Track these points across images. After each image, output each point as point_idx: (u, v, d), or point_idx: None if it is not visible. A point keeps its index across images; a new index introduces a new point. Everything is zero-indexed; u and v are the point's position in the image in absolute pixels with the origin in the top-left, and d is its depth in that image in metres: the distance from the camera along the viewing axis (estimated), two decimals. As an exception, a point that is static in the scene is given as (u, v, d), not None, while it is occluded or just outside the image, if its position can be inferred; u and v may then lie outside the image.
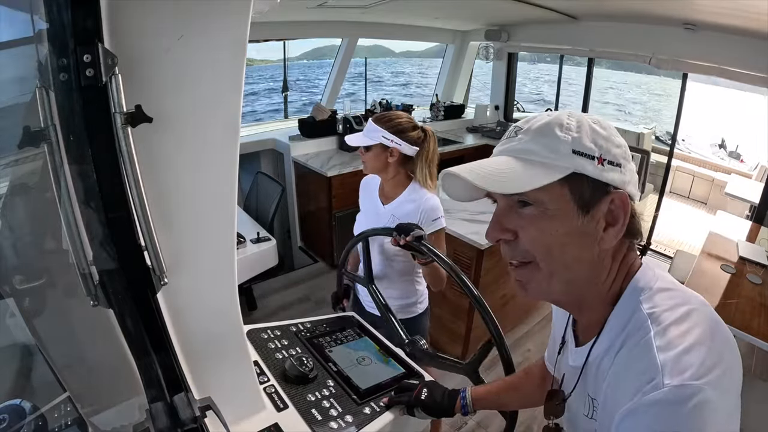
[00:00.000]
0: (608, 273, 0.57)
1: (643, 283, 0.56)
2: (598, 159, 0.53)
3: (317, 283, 3.38)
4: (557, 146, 0.53)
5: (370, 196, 1.58)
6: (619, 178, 0.54)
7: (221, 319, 0.77)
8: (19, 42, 0.59)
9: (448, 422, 2.13)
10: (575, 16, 3.64)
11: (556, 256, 0.55)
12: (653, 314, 0.52)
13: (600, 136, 0.54)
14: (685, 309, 0.52)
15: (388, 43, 7.59)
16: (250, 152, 3.66)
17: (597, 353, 0.59)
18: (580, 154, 0.52)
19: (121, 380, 0.65)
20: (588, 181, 0.53)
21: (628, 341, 0.53)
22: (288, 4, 2.82)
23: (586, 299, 0.60)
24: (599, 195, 0.53)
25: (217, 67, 0.58)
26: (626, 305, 0.56)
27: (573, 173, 0.52)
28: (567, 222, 0.54)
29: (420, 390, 0.95)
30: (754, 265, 2.40)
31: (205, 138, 0.61)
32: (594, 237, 0.54)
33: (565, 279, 0.57)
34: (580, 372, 0.63)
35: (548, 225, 0.54)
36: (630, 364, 0.51)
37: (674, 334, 0.49)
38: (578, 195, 0.53)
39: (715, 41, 3.04)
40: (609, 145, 0.54)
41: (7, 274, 0.75)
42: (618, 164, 0.54)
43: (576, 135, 0.53)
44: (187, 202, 0.63)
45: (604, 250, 0.55)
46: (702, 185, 5.60)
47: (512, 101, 4.89)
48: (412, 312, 1.58)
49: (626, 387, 0.50)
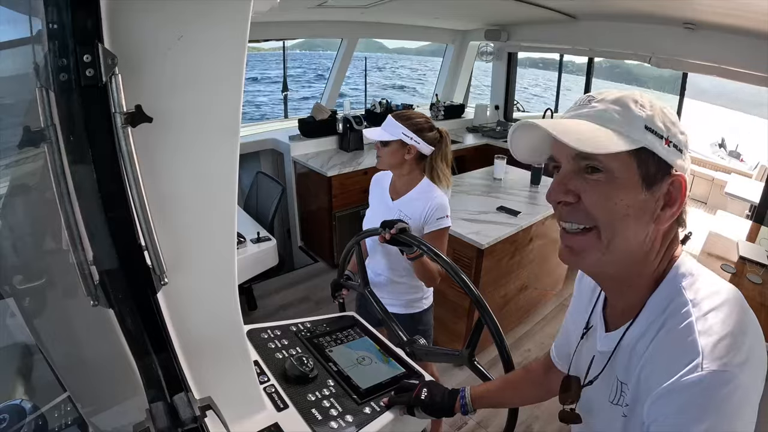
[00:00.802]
0: (656, 254, 0.58)
1: (684, 269, 0.57)
2: (666, 140, 0.54)
3: (317, 283, 3.38)
4: (632, 118, 0.54)
5: (381, 191, 1.59)
6: (681, 163, 0.56)
7: (221, 319, 0.77)
8: (19, 42, 0.59)
9: (448, 422, 2.13)
10: (575, 15, 3.64)
11: (616, 224, 0.55)
12: (695, 299, 0.53)
13: (669, 120, 0.55)
14: (723, 297, 0.53)
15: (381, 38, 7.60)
16: (250, 152, 3.66)
17: (632, 336, 0.59)
18: (652, 131, 0.54)
19: (121, 380, 0.65)
20: (654, 158, 0.54)
21: (667, 324, 0.54)
22: (288, 4, 2.82)
23: (631, 277, 0.60)
24: (662, 174, 0.55)
25: (217, 67, 0.58)
26: (668, 288, 0.57)
27: (643, 147, 0.54)
28: (631, 193, 0.54)
29: (419, 390, 0.95)
30: (754, 265, 2.39)
31: (205, 138, 0.61)
32: (652, 214, 0.56)
33: (620, 250, 0.57)
34: (609, 356, 0.63)
35: (614, 192, 0.55)
36: (669, 347, 0.52)
37: (715, 320, 0.50)
38: (644, 170, 0.54)
39: (715, 41, 3.04)
40: (676, 130, 0.55)
41: (7, 274, 0.75)
42: (681, 150, 0.55)
43: (650, 112, 0.55)
44: (187, 202, 0.63)
45: (658, 230, 0.57)
46: (702, 185, 5.59)
47: (512, 101, 4.89)
48: (418, 307, 1.59)
49: (664, 368, 0.51)
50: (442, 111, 4.63)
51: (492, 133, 4.46)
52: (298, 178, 3.63)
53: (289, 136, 3.57)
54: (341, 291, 1.51)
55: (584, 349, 0.72)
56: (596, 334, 0.68)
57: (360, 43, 4.01)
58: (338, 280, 1.50)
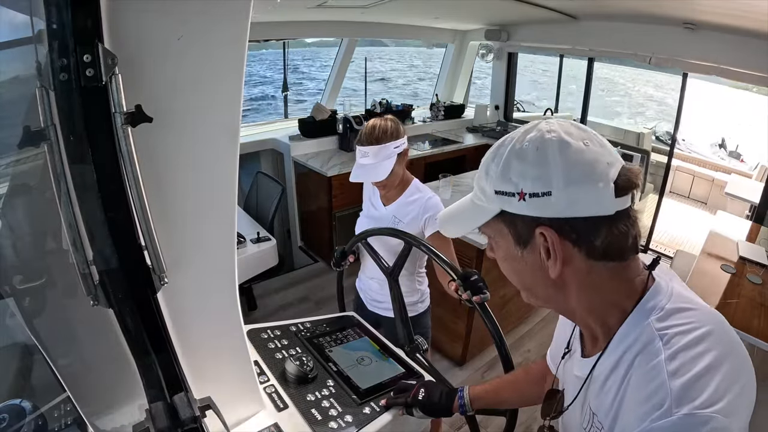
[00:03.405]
0: (575, 296, 0.56)
1: (653, 303, 0.54)
2: (519, 194, 0.52)
3: (317, 283, 3.38)
4: (486, 187, 0.56)
5: (372, 195, 1.58)
6: (551, 208, 0.51)
7: (221, 319, 0.77)
8: (19, 42, 0.59)
9: (448, 422, 2.13)
10: (575, 15, 3.64)
11: (514, 279, 0.60)
12: (665, 336, 0.50)
13: (514, 170, 0.52)
14: (700, 332, 0.49)
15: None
16: (250, 152, 3.66)
17: (603, 368, 0.57)
18: (502, 194, 0.54)
19: (121, 380, 0.65)
20: (519, 216, 0.53)
21: (636, 362, 0.52)
22: (288, 4, 2.82)
23: (574, 316, 0.60)
24: (530, 229, 0.53)
25: (217, 67, 0.58)
26: (633, 325, 0.54)
27: (503, 211, 0.55)
28: (510, 253, 0.57)
29: (417, 390, 0.95)
30: (754, 265, 2.39)
31: (205, 138, 0.61)
32: (541, 267, 0.55)
33: (533, 296, 0.60)
34: (583, 383, 0.62)
35: (499, 253, 0.60)
36: (640, 387, 0.50)
37: (686, 358, 0.48)
38: (514, 230, 0.55)
39: (715, 41, 3.04)
40: (524, 177, 0.52)
41: (7, 274, 0.75)
42: (546, 192, 0.50)
43: (495, 175, 0.54)
44: (187, 202, 0.63)
45: (560, 278, 0.54)
46: (702, 185, 5.60)
47: (512, 101, 4.89)
48: (414, 311, 1.58)
49: (635, 410, 0.49)
50: (442, 111, 4.63)
51: (492, 134, 4.46)
52: (298, 178, 3.63)
53: (289, 136, 3.57)
54: (346, 259, 1.49)
55: (566, 368, 0.71)
56: (574, 357, 0.68)
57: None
58: (344, 248, 1.47)
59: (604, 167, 0.50)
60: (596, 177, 0.50)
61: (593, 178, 0.50)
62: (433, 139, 4.32)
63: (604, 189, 0.49)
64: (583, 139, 0.52)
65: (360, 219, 1.60)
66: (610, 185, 0.50)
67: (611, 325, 0.56)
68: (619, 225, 0.51)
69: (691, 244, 4.14)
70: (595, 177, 0.50)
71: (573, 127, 0.53)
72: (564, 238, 0.52)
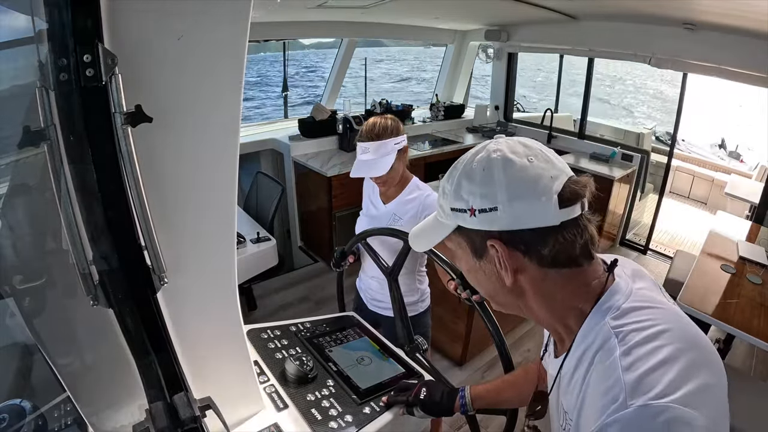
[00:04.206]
0: (534, 301, 0.60)
1: (609, 303, 0.56)
2: (470, 211, 0.57)
3: (317, 283, 3.38)
4: (443, 205, 0.61)
5: (371, 194, 1.58)
6: (498, 222, 0.55)
7: (221, 319, 0.77)
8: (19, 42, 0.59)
9: (448, 422, 2.13)
10: (575, 16, 3.64)
11: (480, 289, 0.66)
12: (620, 333, 0.52)
13: (464, 189, 0.57)
14: (656, 329, 0.52)
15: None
16: (250, 152, 3.66)
17: (568, 368, 0.60)
18: (456, 210, 0.58)
19: (121, 380, 0.65)
20: (473, 230, 0.58)
21: (596, 361, 0.54)
22: (288, 4, 2.82)
23: (540, 320, 0.63)
24: (483, 242, 0.58)
25: (217, 66, 0.58)
26: (592, 325, 0.56)
27: (459, 226, 0.59)
28: (470, 264, 0.62)
29: (419, 389, 0.95)
30: (754, 265, 2.40)
31: (205, 138, 0.61)
32: (497, 276, 0.59)
33: (497, 303, 0.65)
34: (553, 382, 0.65)
35: (462, 265, 0.65)
36: (597, 384, 0.52)
37: (640, 353, 0.49)
38: (470, 243, 0.60)
39: (715, 41, 3.04)
40: (473, 195, 0.56)
41: (7, 274, 0.75)
42: (493, 208, 0.55)
43: (450, 194, 0.59)
44: (187, 202, 0.63)
45: (515, 285, 0.58)
46: (702, 185, 5.60)
47: (512, 101, 4.89)
48: (414, 310, 1.58)
49: (594, 407, 0.50)
50: (442, 111, 4.63)
51: (492, 134, 4.46)
52: (298, 178, 3.63)
53: (289, 136, 3.57)
54: (346, 259, 1.49)
55: (548, 369, 0.73)
56: (550, 357, 0.70)
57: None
58: (344, 249, 1.47)
59: (546, 181, 0.54)
60: (539, 192, 0.53)
61: (536, 193, 0.53)
62: (433, 139, 4.32)
63: (546, 202, 0.53)
64: (527, 155, 0.55)
65: (360, 218, 1.61)
66: (553, 198, 0.53)
67: (572, 327, 0.59)
68: (565, 234, 0.54)
69: (691, 244, 4.14)
70: (538, 192, 0.53)
71: (520, 145, 0.57)
72: (513, 248, 0.56)
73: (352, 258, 1.51)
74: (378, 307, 1.58)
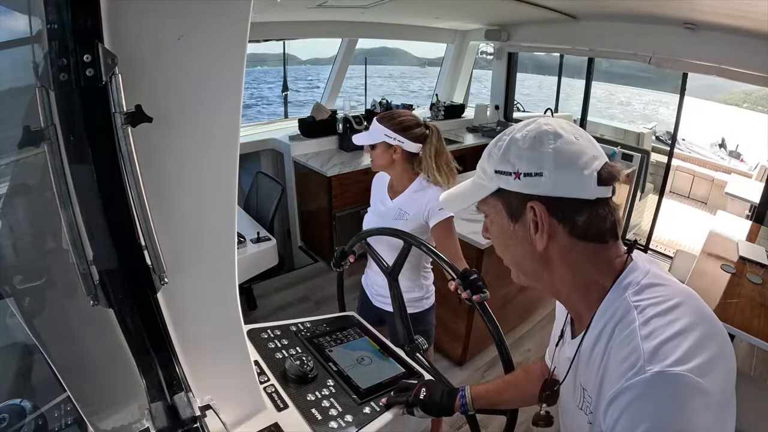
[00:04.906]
0: (559, 272, 0.62)
1: (629, 279, 0.59)
2: (515, 174, 0.60)
3: (317, 283, 3.38)
4: (487, 168, 0.64)
5: (380, 191, 1.60)
6: (541, 187, 0.58)
7: (221, 319, 0.77)
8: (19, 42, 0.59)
9: (448, 422, 2.13)
10: (575, 15, 3.64)
11: (504, 253, 0.68)
12: (639, 306, 0.55)
13: (513, 153, 0.60)
14: (672, 302, 0.55)
15: (390, 42, 7.49)
16: (250, 152, 3.66)
17: (587, 343, 0.62)
18: (501, 173, 0.61)
19: (121, 380, 0.65)
20: (513, 193, 0.61)
21: (615, 332, 0.56)
22: (288, 4, 2.82)
23: (560, 295, 0.66)
24: (522, 204, 0.61)
25: (217, 67, 0.58)
26: (612, 300, 0.59)
27: (500, 189, 0.62)
28: (504, 227, 0.65)
29: (419, 389, 0.95)
30: (754, 265, 2.40)
31: (205, 138, 0.61)
32: (530, 240, 0.61)
33: (521, 272, 0.67)
34: (572, 361, 0.66)
35: (493, 229, 0.67)
36: (617, 353, 0.54)
37: (658, 324, 0.52)
38: (508, 206, 0.63)
39: (715, 41, 3.04)
40: (521, 159, 0.59)
41: (7, 274, 0.75)
42: (538, 173, 0.58)
43: (497, 157, 0.62)
44: (187, 202, 0.63)
45: (545, 252, 0.61)
46: (702, 185, 5.60)
47: (512, 101, 4.89)
48: (419, 307, 1.58)
49: (614, 375, 0.53)
50: (442, 111, 4.63)
51: (492, 133, 4.45)
52: (298, 178, 3.63)
53: (289, 136, 3.57)
54: (346, 259, 1.50)
55: (560, 356, 0.75)
56: (566, 341, 0.72)
57: (364, 50, 3.99)
58: (344, 248, 1.49)
59: (589, 158, 0.58)
60: (582, 165, 0.57)
61: (579, 165, 0.57)
62: (433, 139, 4.31)
63: (588, 176, 0.57)
64: (574, 134, 0.60)
65: (367, 216, 1.63)
66: (594, 174, 0.57)
67: (593, 302, 0.62)
68: (599, 210, 0.59)
69: (691, 244, 4.14)
70: (581, 165, 0.57)
71: (567, 124, 0.61)
72: (550, 213, 0.59)
73: (353, 258, 1.51)
74: (383, 302, 1.58)
